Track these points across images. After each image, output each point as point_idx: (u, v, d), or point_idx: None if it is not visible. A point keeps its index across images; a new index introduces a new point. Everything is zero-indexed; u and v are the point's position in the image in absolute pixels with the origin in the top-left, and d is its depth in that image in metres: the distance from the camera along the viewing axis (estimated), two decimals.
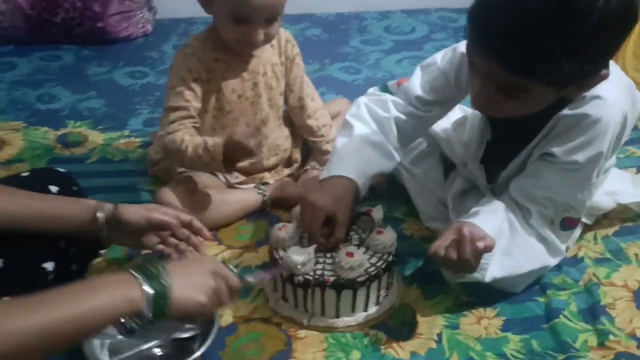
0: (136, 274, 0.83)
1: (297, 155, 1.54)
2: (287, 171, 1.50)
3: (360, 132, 1.22)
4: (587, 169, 1.07)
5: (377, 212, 1.18)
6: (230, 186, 1.44)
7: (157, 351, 1.04)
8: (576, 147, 1.05)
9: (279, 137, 1.48)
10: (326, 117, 1.51)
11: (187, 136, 1.29)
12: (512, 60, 0.91)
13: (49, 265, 1.08)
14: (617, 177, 1.36)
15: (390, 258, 1.12)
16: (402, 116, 1.24)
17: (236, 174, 1.44)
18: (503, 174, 1.21)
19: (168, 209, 1.17)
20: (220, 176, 1.42)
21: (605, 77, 0.97)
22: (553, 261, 1.16)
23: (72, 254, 1.15)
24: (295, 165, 1.52)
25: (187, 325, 1.04)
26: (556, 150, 1.07)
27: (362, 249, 1.12)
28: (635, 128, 1.59)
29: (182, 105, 1.33)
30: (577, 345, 1.06)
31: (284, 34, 1.43)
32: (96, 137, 1.76)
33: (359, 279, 1.07)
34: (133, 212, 1.11)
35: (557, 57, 0.88)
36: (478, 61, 0.97)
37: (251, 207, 1.41)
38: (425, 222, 1.37)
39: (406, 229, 1.36)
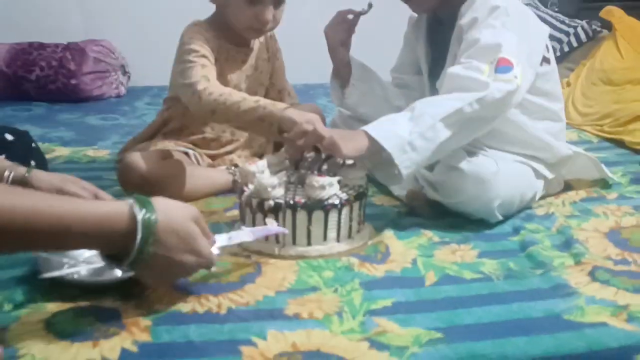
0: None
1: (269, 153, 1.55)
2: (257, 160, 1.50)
3: None
4: (504, 12, 1.19)
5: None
6: None
7: None
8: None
9: None
10: None
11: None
12: None
13: None
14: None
15: (362, 189, 1.11)
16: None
17: (205, 157, 1.45)
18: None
19: (87, 184, 1.10)
20: (192, 157, 1.42)
21: None
22: (480, 94, 1.12)
23: None
24: None
25: None
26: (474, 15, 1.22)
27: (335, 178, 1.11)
28: None
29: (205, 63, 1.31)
30: (554, 264, 1.03)
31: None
32: (63, 151, 1.76)
33: (331, 201, 1.05)
34: (45, 181, 1.06)
35: None
36: None
37: (221, 186, 1.39)
38: (394, 192, 1.37)
39: (376, 200, 1.36)
